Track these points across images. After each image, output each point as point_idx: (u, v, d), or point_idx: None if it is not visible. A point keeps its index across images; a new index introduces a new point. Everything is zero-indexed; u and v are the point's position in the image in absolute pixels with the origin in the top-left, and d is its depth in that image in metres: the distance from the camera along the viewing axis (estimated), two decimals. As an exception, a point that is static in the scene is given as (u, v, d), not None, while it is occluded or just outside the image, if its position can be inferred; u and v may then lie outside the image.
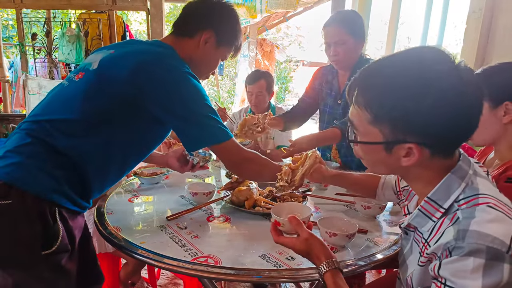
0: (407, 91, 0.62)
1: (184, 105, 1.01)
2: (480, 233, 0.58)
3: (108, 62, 1.03)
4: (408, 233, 0.81)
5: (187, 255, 0.97)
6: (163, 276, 2.17)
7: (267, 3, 3.84)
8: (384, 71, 0.67)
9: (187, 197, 1.40)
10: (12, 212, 0.89)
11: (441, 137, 0.64)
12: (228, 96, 9.12)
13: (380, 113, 0.66)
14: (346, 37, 1.62)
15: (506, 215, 0.62)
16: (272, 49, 7.39)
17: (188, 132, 1.05)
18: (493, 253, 0.57)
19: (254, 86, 2.27)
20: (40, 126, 0.98)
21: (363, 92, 0.68)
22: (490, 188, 0.68)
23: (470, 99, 0.64)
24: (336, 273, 0.76)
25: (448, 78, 0.62)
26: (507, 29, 1.90)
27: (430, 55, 0.65)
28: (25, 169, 0.92)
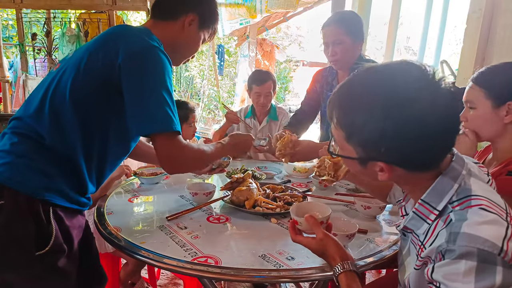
0: (372, 113, 0.62)
1: (143, 78, 0.95)
2: (471, 235, 0.58)
3: (81, 48, 1.05)
4: (406, 234, 0.81)
5: (187, 255, 0.97)
6: (163, 276, 2.17)
7: (267, 3, 3.84)
8: (353, 91, 0.68)
9: (187, 197, 1.40)
10: (5, 213, 0.89)
11: (409, 158, 0.64)
12: (228, 96, 9.11)
13: (350, 133, 0.67)
14: (344, 37, 1.62)
15: (499, 216, 0.61)
16: (272, 49, 7.38)
17: (136, 110, 0.96)
18: (484, 256, 0.56)
19: (262, 87, 2.27)
20: (23, 123, 0.97)
21: (336, 111, 0.69)
22: (484, 188, 0.67)
23: (441, 121, 0.61)
24: (351, 275, 0.75)
25: (416, 100, 0.60)
26: (507, 29, 1.90)
27: (400, 73, 0.64)
28: (15, 169, 0.92)
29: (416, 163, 0.66)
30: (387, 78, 0.64)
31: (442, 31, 3.09)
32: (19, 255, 0.90)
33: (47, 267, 0.93)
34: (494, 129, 1.05)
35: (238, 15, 4.25)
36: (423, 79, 0.62)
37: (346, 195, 1.48)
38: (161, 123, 0.96)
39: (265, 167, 1.91)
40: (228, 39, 8.91)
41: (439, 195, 0.68)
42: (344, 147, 0.72)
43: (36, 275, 0.91)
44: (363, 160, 0.69)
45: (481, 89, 1.04)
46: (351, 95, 0.68)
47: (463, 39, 2.12)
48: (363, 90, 0.65)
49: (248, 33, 6.70)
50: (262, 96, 2.29)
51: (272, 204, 1.30)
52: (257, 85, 2.27)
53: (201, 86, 9.32)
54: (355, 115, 0.65)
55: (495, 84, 1.02)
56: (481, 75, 1.06)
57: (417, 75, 0.62)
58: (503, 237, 0.58)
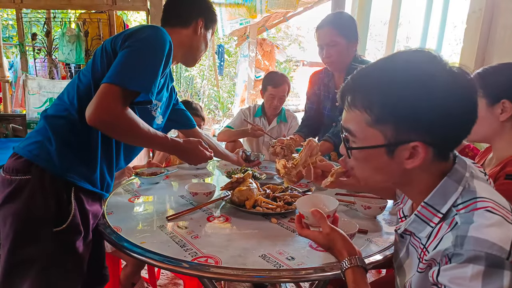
0: (409, 89, 0.61)
1: (137, 42, 1.01)
2: (478, 239, 0.57)
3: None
4: (404, 236, 0.80)
5: (187, 255, 0.97)
6: (163, 276, 2.16)
7: (267, 3, 3.84)
8: (382, 69, 0.66)
9: (187, 197, 1.40)
10: (30, 187, 0.97)
11: (444, 134, 0.63)
12: (228, 96, 9.11)
13: (382, 112, 0.63)
14: (338, 38, 1.63)
15: (505, 219, 0.60)
16: (272, 49, 7.38)
17: (118, 59, 1.00)
18: (492, 260, 0.55)
19: (278, 90, 2.28)
20: (59, 107, 1.08)
21: (361, 93, 0.66)
22: (488, 190, 0.66)
23: (468, 95, 0.64)
24: (358, 270, 0.74)
25: (444, 75, 0.62)
26: (507, 29, 1.90)
27: (423, 54, 0.65)
28: (44, 149, 1.02)
29: (447, 141, 0.65)
30: (414, 59, 0.65)
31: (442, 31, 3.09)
32: (37, 229, 0.97)
33: (63, 245, 0.99)
34: (491, 128, 1.06)
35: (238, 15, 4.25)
36: (441, 60, 0.64)
37: (346, 195, 1.48)
38: (130, 79, 0.97)
39: (265, 167, 1.91)
40: (228, 39, 8.92)
41: (443, 197, 0.66)
42: (367, 135, 0.66)
43: (52, 251, 0.97)
44: (393, 145, 0.64)
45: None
46: (378, 73, 0.66)
47: (463, 39, 2.12)
48: (392, 68, 0.65)
49: (248, 33, 6.70)
50: (276, 98, 2.30)
51: (272, 204, 1.30)
52: (273, 87, 2.27)
53: (201, 86, 9.33)
54: (390, 92, 0.62)
55: (489, 83, 1.04)
56: (477, 76, 1.08)
57: (435, 56, 0.64)
58: (511, 239, 0.57)
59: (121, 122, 0.98)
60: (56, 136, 1.02)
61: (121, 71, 0.97)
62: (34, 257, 0.96)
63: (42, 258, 0.97)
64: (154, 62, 1.01)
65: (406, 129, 0.63)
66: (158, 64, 1.02)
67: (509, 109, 1.01)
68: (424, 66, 0.63)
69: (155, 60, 1.01)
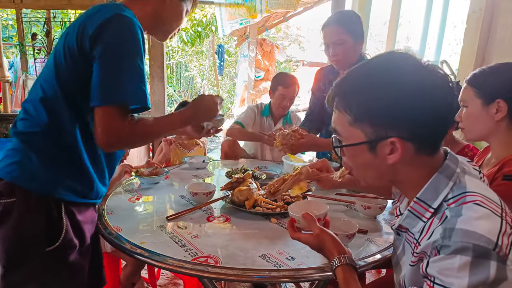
0: (381, 88, 0.66)
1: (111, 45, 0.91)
2: (466, 231, 0.59)
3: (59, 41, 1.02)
4: (400, 234, 0.81)
5: (187, 255, 0.97)
6: (163, 276, 2.16)
7: (267, 3, 3.84)
8: (358, 74, 0.71)
9: (187, 197, 1.40)
10: (17, 210, 0.92)
11: (420, 128, 0.66)
12: (228, 96, 9.11)
13: (359, 112, 0.68)
14: (345, 36, 1.62)
15: (494, 212, 0.61)
16: (272, 49, 7.38)
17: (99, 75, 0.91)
18: (479, 251, 0.57)
19: (289, 90, 2.27)
20: (28, 121, 0.98)
21: (341, 96, 0.72)
22: (479, 185, 0.67)
23: (440, 91, 0.66)
24: (348, 269, 0.76)
25: (415, 73, 0.66)
26: (507, 29, 1.90)
27: (395, 55, 0.70)
28: (25, 168, 0.94)
29: (423, 136, 0.67)
30: (386, 59, 0.70)
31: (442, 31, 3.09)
32: (30, 250, 0.93)
33: (58, 262, 0.96)
34: (486, 127, 1.07)
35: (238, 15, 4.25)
36: (417, 61, 0.68)
37: (346, 195, 1.48)
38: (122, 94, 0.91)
39: (265, 167, 1.91)
40: (228, 39, 8.92)
41: (434, 193, 0.68)
42: (350, 134, 0.71)
43: (48, 270, 0.94)
44: (373, 142, 0.68)
45: (472, 88, 1.08)
46: (354, 78, 0.71)
47: (463, 39, 2.12)
48: (366, 72, 0.70)
49: (248, 33, 6.70)
50: (286, 99, 2.29)
51: (272, 204, 1.30)
52: (284, 87, 2.26)
53: (201, 86, 9.32)
54: (363, 92, 0.68)
55: (485, 82, 1.05)
56: (473, 76, 1.09)
57: (411, 58, 0.68)
58: (498, 231, 0.58)
59: (134, 136, 0.98)
60: (35, 153, 0.94)
61: (111, 88, 0.91)
62: (31, 277, 0.93)
63: (39, 276, 0.94)
64: (136, 66, 0.94)
65: (382, 126, 0.67)
66: (140, 66, 0.95)
67: (503, 109, 1.02)
68: (395, 65, 0.67)
69: (137, 63, 0.94)
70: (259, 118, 2.42)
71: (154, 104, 3.31)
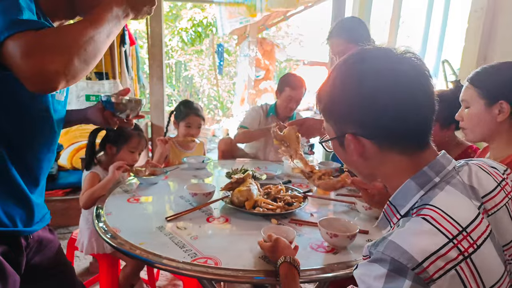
0: (333, 86, 0.69)
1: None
2: (393, 243, 0.56)
3: None
4: None
5: (187, 256, 0.96)
6: (162, 277, 2.16)
7: (267, 1, 3.83)
8: (330, 75, 0.72)
9: (186, 197, 1.39)
10: None
11: (374, 125, 0.64)
12: (227, 96, 9.10)
13: (324, 112, 0.73)
14: (349, 45, 1.65)
15: (441, 231, 0.56)
16: (272, 48, 7.37)
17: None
18: (395, 266, 0.54)
19: (297, 92, 2.26)
20: None
21: (316, 98, 0.75)
22: (452, 200, 0.61)
23: (408, 86, 0.63)
24: (289, 267, 0.86)
25: (375, 68, 0.64)
26: (509, 28, 1.89)
27: (366, 50, 0.68)
28: None
29: (384, 134, 0.65)
30: (351, 55, 0.69)
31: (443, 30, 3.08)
32: None
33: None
34: (488, 128, 1.07)
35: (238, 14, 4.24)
36: (387, 53, 0.66)
37: (347, 196, 1.47)
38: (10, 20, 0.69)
39: (265, 167, 1.91)
40: (228, 38, 8.90)
41: (404, 199, 0.66)
42: (328, 131, 0.76)
43: None
44: (338, 137, 0.71)
45: (475, 88, 1.07)
46: (326, 79, 0.73)
47: (465, 38, 2.11)
48: (334, 70, 0.71)
49: (248, 32, 6.69)
50: (293, 100, 2.28)
51: (272, 205, 1.29)
52: (292, 89, 2.25)
53: (200, 85, 9.31)
54: (326, 92, 0.71)
55: (488, 83, 1.04)
56: (476, 75, 1.08)
57: (379, 51, 0.67)
58: (432, 252, 0.53)
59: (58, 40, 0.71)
60: None
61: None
62: None
63: None
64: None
65: (340, 123, 0.70)
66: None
67: (506, 110, 1.02)
68: (355, 62, 0.67)
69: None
70: (264, 119, 2.41)
71: (153, 103, 3.30)
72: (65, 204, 2.60)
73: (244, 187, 1.31)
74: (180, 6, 8.48)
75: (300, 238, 1.09)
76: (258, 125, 2.37)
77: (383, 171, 0.70)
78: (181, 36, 7.65)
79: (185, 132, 2.09)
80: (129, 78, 3.39)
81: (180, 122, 2.12)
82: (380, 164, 0.69)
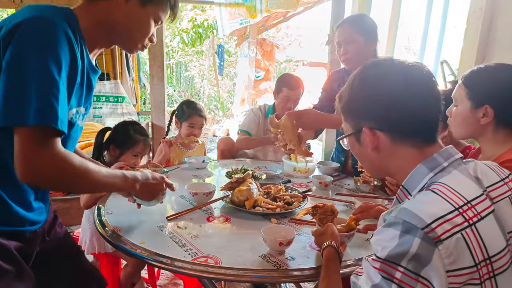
0: (357, 87, 0.77)
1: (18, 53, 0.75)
2: (405, 209, 0.63)
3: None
4: None
5: (187, 255, 0.97)
6: (163, 276, 2.16)
7: (267, 3, 3.84)
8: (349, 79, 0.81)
9: (187, 197, 1.40)
10: None
11: (387, 119, 0.73)
12: (228, 96, 9.11)
13: (344, 109, 0.81)
14: (356, 36, 1.65)
15: (448, 201, 0.63)
16: (272, 49, 7.37)
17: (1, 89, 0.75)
18: (407, 227, 0.60)
19: (294, 92, 2.25)
20: None
21: (337, 99, 0.85)
22: (460, 180, 0.68)
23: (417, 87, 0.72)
24: (333, 251, 0.87)
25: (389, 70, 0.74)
26: (508, 29, 1.90)
27: (380, 60, 0.78)
28: None
29: (397, 128, 0.73)
30: (367, 64, 0.79)
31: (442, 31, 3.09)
32: None
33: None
34: (471, 129, 1.09)
35: (238, 15, 4.24)
36: (399, 61, 0.75)
37: (346, 195, 1.48)
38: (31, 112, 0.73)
39: (265, 167, 1.91)
40: (228, 39, 8.91)
41: (415, 181, 0.72)
42: (346, 129, 0.83)
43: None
44: (355, 133, 0.79)
45: (465, 88, 1.08)
46: (345, 85, 0.82)
47: (463, 39, 2.12)
48: (352, 77, 0.80)
49: (248, 33, 6.69)
50: (290, 101, 2.26)
51: (272, 204, 1.30)
52: (289, 89, 2.24)
53: (201, 86, 9.32)
54: (346, 93, 0.80)
55: (478, 86, 1.05)
56: (469, 75, 1.09)
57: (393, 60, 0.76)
58: (438, 217, 0.60)
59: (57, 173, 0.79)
60: None
61: (11, 104, 0.74)
62: None
63: None
64: (47, 76, 0.76)
65: (358, 118, 0.78)
66: (55, 77, 0.77)
67: (490, 115, 1.03)
68: (371, 67, 0.77)
69: (49, 73, 0.76)
70: (263, 121, 2.40)
71: (154, 104, 3.30)
72: (66, 204, 2.61)
73: (244, 186, 1.32)
74: (180, 7, 8.50)
75: (300, 237, 1.10)
76: (257, 127, 2.37)
77: (395, 163, 0.76)
78: (182, 37, 7.66)
79: (188, 132, 2.10)
80: (130, 78, 3.40)
81: (182, 122, 2.12)
82: (391, 156, 0.76)
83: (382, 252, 0.61)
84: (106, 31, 0.96)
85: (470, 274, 0.59)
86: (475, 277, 0.60)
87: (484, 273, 0.61)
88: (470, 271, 0.59)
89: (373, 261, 0.63)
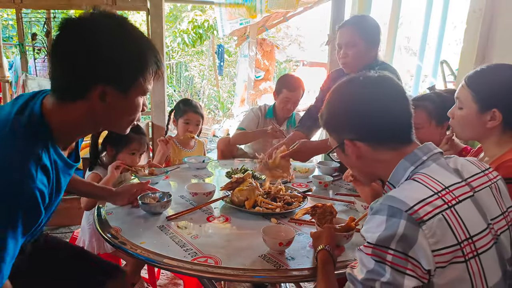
0: (335, 104, 0.87)
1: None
2: (390, 196, 0.70)
3: None
4: None
5: (187, 255, 0.97)
6: (163, 276, 2.16)
7: (267, 3, 3.84)
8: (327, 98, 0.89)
9: (187, 197, 1.40)
10: None
11: (363, 130, 0.81)
12: (228, 96, 9.11)
13: (327, 125, 0.89)
14: (358, 39, 1.61)
15: (428, 187, 0.70)
16: (272, 49, 7.37)
17: None
18: (392, 211, 0.67)
19: (294, 94, 2.24)
20: None
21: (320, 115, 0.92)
22: (438, 171, 0.75)
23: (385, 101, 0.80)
24: (327, 254, 0.89)
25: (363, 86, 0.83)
26: (507, 29, 1.90)
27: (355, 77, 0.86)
28: None
29: (374, 137, 0.81)
30: (343, 82, 0.88)
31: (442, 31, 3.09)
32: None
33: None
34: (476, 132, 1.08)
35: (238, 15, 4.25)
36: (370, 77, 0.84)
37: (346, 195, 1.48)
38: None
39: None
40: (228, 39, 8.91)
41: (399, 175, 0.79)
42: (332, 142, 0.90)
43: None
44: (339, 145, 0.86)
45: (470, 91, 1.05)
46: (325, 102, 0.90)
47: (463, 39, 2.12)
48: (330, 96, 0.88)
49: (248, 33, 6.69)
50: (290, 102, 2.26)
51: (272, 204, 1.30)
52: (289, 90, 2.23)
53: (201, 86, 9.32)
54: (326, 111, 0.88)
55: (483, 88, 1.03)
56: (473, 76, 1.06)
57: (364, 76, 0.84)
58: (419, 200, 0.67)
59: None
60: None
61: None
62: None
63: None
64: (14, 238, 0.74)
65: (339, 132, 0.86)
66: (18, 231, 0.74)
67: (498, 118, 1.01)
68: (343, 85, 0.87)
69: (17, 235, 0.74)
70: (262, 121, 2.39)
71: (154, 104, 3.31)
72: (66, 204, 2.61)
73: (244, 186, 1.32)
74: (180, 7, 8.49)
75: (299, 237, 1.10)
76: (256, 127, 2.37)
77: (380, 167, 0.84)
78: (183, 38, 7.66)
79: (184, 129, 2.10)
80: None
81: (179, 119, 2.13)
82: (375, 162, 0.83)
83: (372, 237, 0.67)
84: (92, 124, 0.89)
85: (454, 252, 0.65)
86: (459, 255, 0.66)
87: (468, 251, 0.67)
88: (454, 249, 0.65)
89: (365, 248, 0.69)
